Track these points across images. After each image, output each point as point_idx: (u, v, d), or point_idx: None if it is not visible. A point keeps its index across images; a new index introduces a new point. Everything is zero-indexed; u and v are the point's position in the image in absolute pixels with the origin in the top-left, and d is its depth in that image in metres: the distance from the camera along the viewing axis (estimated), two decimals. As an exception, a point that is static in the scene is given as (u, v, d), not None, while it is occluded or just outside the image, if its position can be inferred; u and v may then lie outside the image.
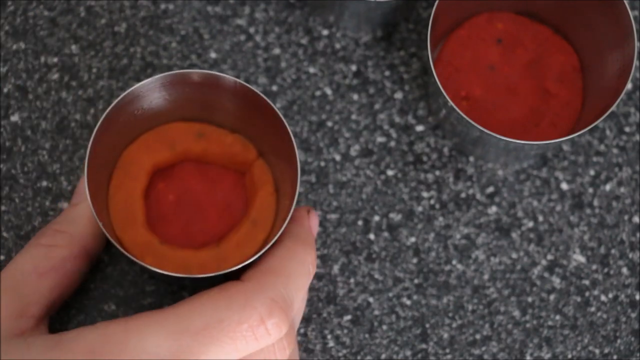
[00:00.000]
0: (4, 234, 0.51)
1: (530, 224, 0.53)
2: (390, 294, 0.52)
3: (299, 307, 0.41)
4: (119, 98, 0.44)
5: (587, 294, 0.53)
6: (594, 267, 0.53)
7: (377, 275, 0.52)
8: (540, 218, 0.53)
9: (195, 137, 0.48)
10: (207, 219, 0.48)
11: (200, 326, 0.33)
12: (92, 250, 0.40)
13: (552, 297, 0.52)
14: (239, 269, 0.41)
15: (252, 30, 0.54)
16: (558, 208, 0.53)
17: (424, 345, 0.52)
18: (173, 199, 0.48)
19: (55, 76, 0.53)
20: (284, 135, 0.45)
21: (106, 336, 0.32)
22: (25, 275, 0.36)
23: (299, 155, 0.53)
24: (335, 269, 0.52)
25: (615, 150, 0.54)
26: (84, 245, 0.40)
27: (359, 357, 0.51)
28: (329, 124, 0.53)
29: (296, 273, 0.38)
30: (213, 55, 0.53)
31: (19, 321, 0.35)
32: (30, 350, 0.32)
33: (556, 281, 0.53)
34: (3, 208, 0.51)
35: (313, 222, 0.43)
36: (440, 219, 0.53)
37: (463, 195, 0.53)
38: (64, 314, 0.50)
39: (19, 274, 0.36)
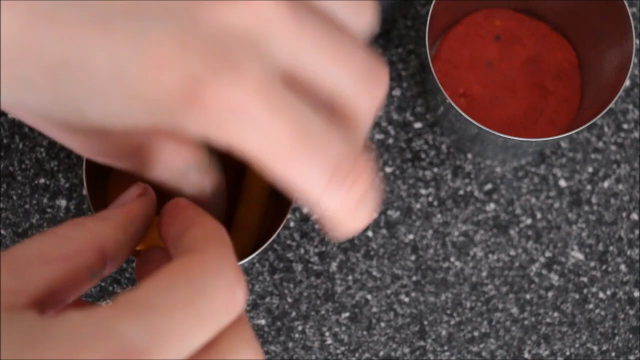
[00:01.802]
0: (2, 231, 0.51)
1: (529, 221, 0.53)
2: (388, 291, 0.52)
3: None
4: None
5: (585, 291, 0.53)
6: (592, 264, 0.53)
7: (375, 273, 0.52)
8: (539, 215, 0.53)
9: None
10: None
11: (174, 302, 0.32)
12: (110, 254, 0.39)
13: (550, 294, 0.52)
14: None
15: (250, 27, 0.54)
16: (556, 205, 0.53)
17: (422, 343, 0.52)
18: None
19: (53, 73, 0.53)
20: None
21: (94, 320, 0.31)
22: (29, 258, 0.36)
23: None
24: (334, 266, 0.52)
25: (613, 147, 0.54)
26: (102, 246, 0.39)
27: (357, 354, 0.51)
28: (327, 121, 0.53)
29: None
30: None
31: (14, 297, 0.34)
32: (13, 324, 0.31)
33: (554, 278, 0.53)
34: (1, 205, 0.51)
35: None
36: (439, 216, 0.53)
37: (461, 192, 0.53)
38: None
39: (24, 256, 0.35)
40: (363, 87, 0.31)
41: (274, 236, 0.43)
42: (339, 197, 0.31)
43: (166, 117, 0.30)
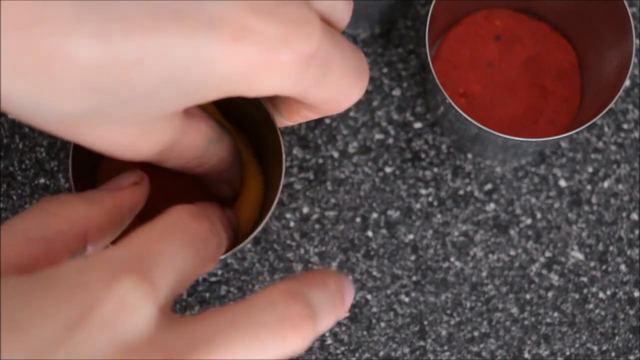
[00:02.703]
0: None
1: (529, 221, 0.53)
2: (389, 291, 0.52)
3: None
4: None
5: (585, 291, 0.53)
6: (592, 264, 0.53)
7: (375, 273, 0.52)
8: (539, 215, 0.53)
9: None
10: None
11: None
12: (92, 238, 0.38)
13: (550, 294, 0.52)
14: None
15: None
16: (556, 205, 0.53)
17: (422, 343, 0.52)
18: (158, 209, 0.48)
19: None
20: (271, 129, 0.45)
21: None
22: (13, 233, 0.35)
23: (296, 152, 0.53)
24: (334, 266, 0.52)
25: (613, 147, 0.54)
26: (85, 231, 0.38)
27: (357, 355, 0.51)
28: (327, 121, 0.53)
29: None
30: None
31: None
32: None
33: (554, 278, 0.53)
34: (1, 205, 0.51)
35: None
36: (439, 216, 0.53)
37: (461, 192, 0.53)
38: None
39: (8, 231, 0.35)
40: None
41: (262, 223, 0.43)
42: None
43: (237, 87, 0.31)
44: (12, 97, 0.29)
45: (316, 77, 0.32)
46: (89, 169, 0.47)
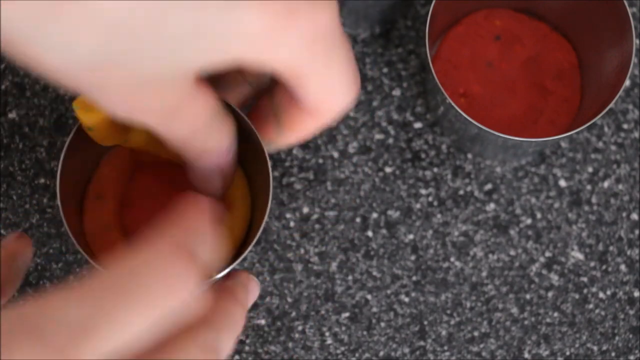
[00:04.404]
0: (2, 231, 0.51)
1: (529, 221, 0.53)
2: (388, 291, 0.52)
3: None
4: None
5: (585, 291, 0.53)
6: (592, 264, 0.53)
7: (375, 273, 0.52)
8: (539, 215, 0.53)
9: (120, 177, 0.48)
10: None
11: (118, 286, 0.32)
12: (17, 257, 0.41)
13: (550, 294, 0.52)
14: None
15: (250, 27, 0.54)
16: (556, 205, 0.53)
17: (422, 343, 0.52)
18: (147, 219, 0.48)
19: (53, 73, 0.53)
20: (256, 147, 0.45)
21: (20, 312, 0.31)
22: None
23: (296, 152, 0.53)
24: (334, 266, 0.52)
25: (613, 147, 0.54)
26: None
27: (357, 354, 0.51)
28: (327, 121, 0.53)
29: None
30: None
31: None
32: None
33: (554, 278, 0.53)
34: (1, 205, 0.51)
35: (250, 288, 0.42)
36: (439, 216, 0.53)
37: (461, 192, 0.53)
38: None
39: None
40: None
41: (251, 245, 0.43)
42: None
43: (250, 51, 0.32)
44: (17, 26, 0.29)
45: (322, 56, 0.33)
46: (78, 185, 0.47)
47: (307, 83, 0.34)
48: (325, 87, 0.35)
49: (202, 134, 0.37)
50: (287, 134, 0.40)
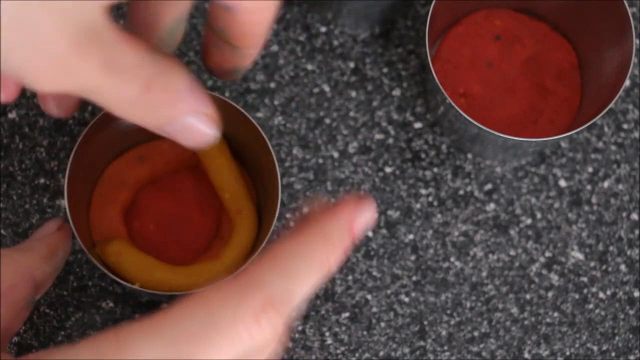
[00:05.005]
0: (2, 232, 0.51)
1: (529, 221, 0.53)
2: (389, 291, 0.52)
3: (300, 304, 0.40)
4: (100, 114, 0.44)
5: (585, 291, 0.53)
6: (592, 264, 0.53)
7: (375, 273, 0.52)
8: (539, 215, 0.53)
9: (136, 162, 0.48)
10: (190, 231, 0.49)
11: (195, 329, 0.32)
12: (39, 282, 0.41)
13: (550, 294, 0.52)
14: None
15: (250, 27, 0.54)
16: (556, 205, 0.53)
17: (422, 343, 0.52)
18: (153, 229, 0.48)
19: (53, 73, 0.53)
20: (264, 150, 0.45)
21: (98, 353, 0.31)
22: None
23: (296, 152, 0.53)
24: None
25: (613, 147, 0.54)
26: (32, 276, 0.40)
27: (357, 355, 0.51)
28: (327, 121, 0.53)
29: (301, 268, 0.37)
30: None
31: None
32: None
33: (554, 278, 0.53)
34: (1, 205, 0.51)
35: (357, 219, 0.37)
36: (439, 216, 0.53)
37: (461, 192, 0.53)
38: (62, 311, 0.50)
39: None
40: None
41: (259, 250, 0.43)
42: None
43: None
44: None
45: None
46: (86, 182, 0.47)
47: None
48: None
49: (155, 78, 0.33)
50: (245, 50, 0.38)
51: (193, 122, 0.35)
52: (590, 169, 0.54)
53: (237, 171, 0.48)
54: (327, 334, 0.51)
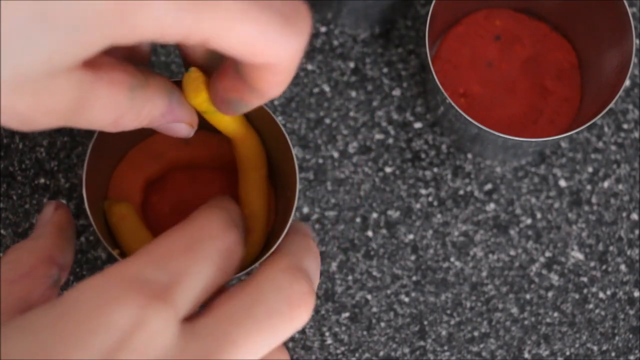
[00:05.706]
0: (2, 231, 0.51)
1: (529, 221, 0.53)
2: (389, 291, 0.52)
3: None
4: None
5: (585, 291, 0.53)
6: (592, 264, 0.53)
7: (375, 273, 0.52)
8: (539, 215, 0.53)
9: (181, 144, 0.48)
10: None
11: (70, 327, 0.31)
12: (59, 260, 0.41)
13: (550, 294, 0.52)
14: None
15: (250, 27, 0.54)
16: (556, 205, 0.53)
17: (422, 343, 0.52)
18: (168, 211, 0.48)
19: (53, 73, 0.53)
20: (279, 137, 0.45)
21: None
22: None
23: (296, 152, 0.53)
24: (334, 266, 0.52)
25: (613, 147, 0.54)
26: (50, 255, 0.40)
27: (357, 354, 0.51)
28: (327, 121, 0.53)
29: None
30: (211, 52, 0.53)
31: None
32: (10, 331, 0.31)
33: (554, 278, 0.53)
34: (1, 205, 0.51)
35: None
36: (439, 216, 0.53)
37: (461, 192, 0.53)
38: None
39: None
40: None
41: (283, 234, 0.43)
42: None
43: (114, 21, 0.28)
44: None
45: (228, 11, 0.29)
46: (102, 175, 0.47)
47: (228, 40, 0.30)
48: (241, 34, 0.30)
49: (132, 114, 0.34)
50: (258, 93, 0.36)
51: (175, 128, 0.38)
52: (590, 169, 0.54)
53: (265, 190, 0.47)
54: (327, 334, 0.51)
